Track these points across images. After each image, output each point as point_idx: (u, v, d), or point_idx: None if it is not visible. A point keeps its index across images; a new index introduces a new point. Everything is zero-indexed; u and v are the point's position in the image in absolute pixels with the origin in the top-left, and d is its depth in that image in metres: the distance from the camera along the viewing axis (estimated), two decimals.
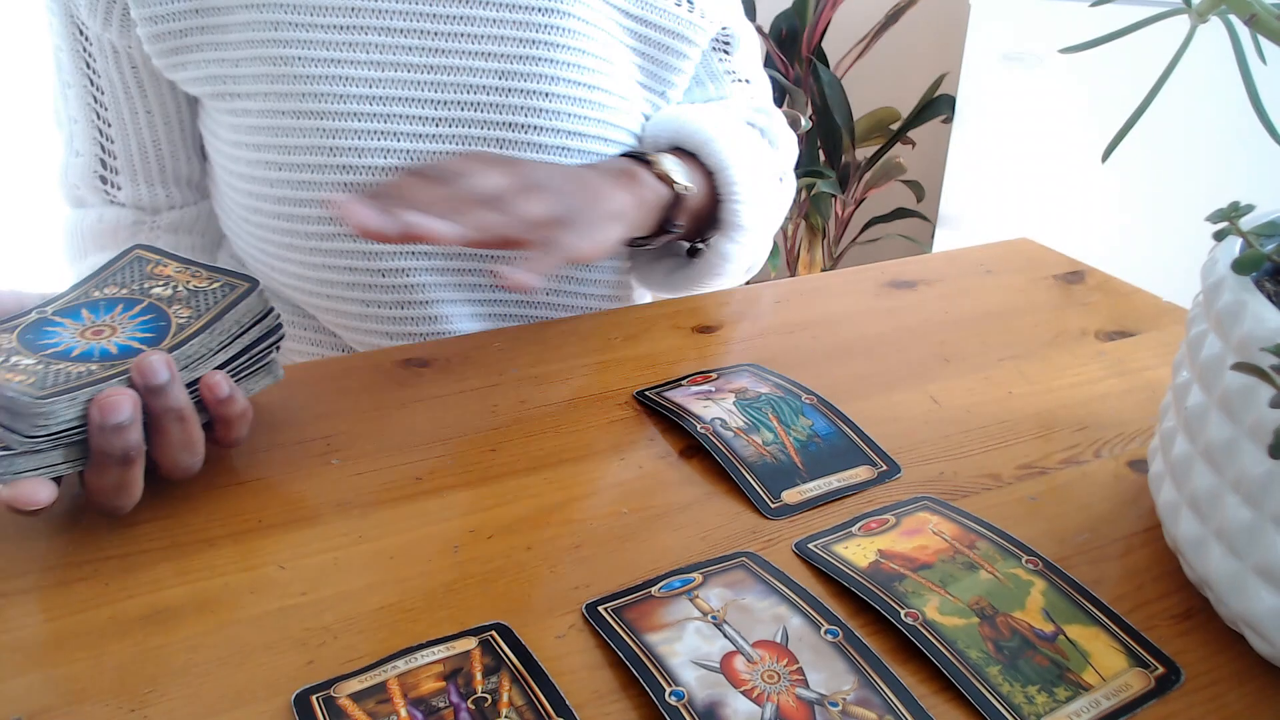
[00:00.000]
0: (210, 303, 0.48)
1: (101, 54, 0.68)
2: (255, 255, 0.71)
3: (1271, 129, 0.34)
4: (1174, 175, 1.54)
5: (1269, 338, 0.31)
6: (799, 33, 2.08)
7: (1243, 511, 0.33)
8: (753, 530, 0.43)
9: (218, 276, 0.50)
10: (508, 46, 0.65)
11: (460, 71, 0.64)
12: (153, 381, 0.42)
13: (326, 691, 0.34)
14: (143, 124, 0.71)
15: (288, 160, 0.64)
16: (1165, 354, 0.59)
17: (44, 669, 0.36)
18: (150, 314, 0.47)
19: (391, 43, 0.63)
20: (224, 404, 0.45)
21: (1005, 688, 0.34)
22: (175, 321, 0.47)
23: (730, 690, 0.33)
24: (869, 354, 0.59)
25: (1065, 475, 0.47)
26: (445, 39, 0.64)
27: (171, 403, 0.43)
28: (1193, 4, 0.33)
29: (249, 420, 0.47)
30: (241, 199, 0.68)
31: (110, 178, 0.74)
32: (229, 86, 0.65)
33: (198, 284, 0.49)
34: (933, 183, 2.14)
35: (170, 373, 0.42)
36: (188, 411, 0.43)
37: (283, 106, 0.63)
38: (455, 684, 0.34)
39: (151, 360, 0.42)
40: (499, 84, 0.65)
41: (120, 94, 0.70)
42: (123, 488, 0.42)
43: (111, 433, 0.40)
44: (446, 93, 0.64)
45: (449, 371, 0.58)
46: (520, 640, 0.36)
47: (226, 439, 0.47)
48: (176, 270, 0.51)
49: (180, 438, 0.43)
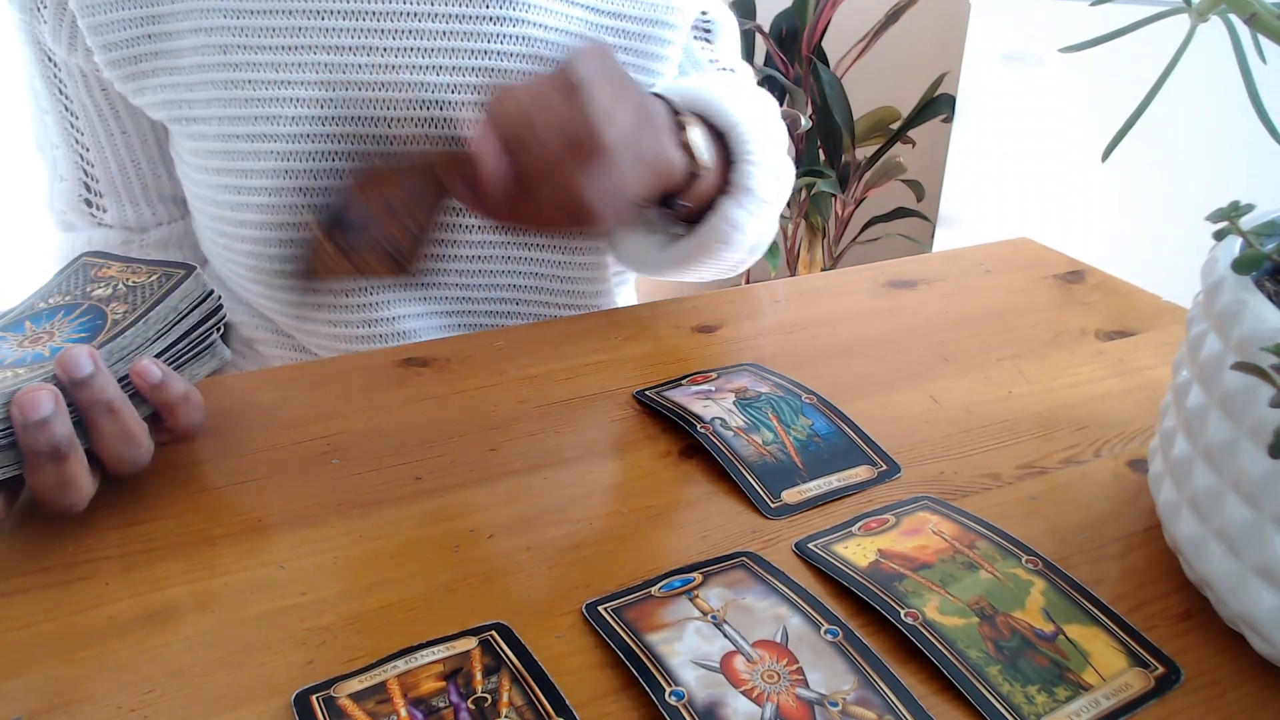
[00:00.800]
0: (147, 295, 0.48)
1: (71, 79, 0.68)
2: (231, 275, 0.70)
3: (1271, 129, 0.34)
4: (1174, 175, 1.54)
5: (1269, 337, 0.31)
6: (799, 32, 2.08)
7: (1243, 511, 0.33)
8: (753, 530, 0.43)
9: (156, 269, 0.50)
10: (459, 59, 0.63)
11: (411, 87, 0.63)
12: (75, 375, 0.41)
13: (326, 691, 0.34)
14: (120, 145, 0.71)
15: (245, 184, 0.63)
16: (1165, 354, 0.59)
17: (44, 669, 0.36)
18: (88, 315, 0.47)
19: (340, 61, 0.62)
20: (159, 390, 0.44)
21: (1005, 688, 0.34)
22: (111, 318, 0.46)
23: (730, 690, 0.33)
24: (869, 354, 0.59)
25: (1065, 475, 0.47)
26: (394, 54, 0.62)
27: (99, 395, 0.42)
28: (1193, 4, 0.33)
29: (197, 404, 0.47)
30: (208, 222, 0.67)
31: (95, 200, 0.74)
32: (185, 111, 0.64)
33: (136, 279, 0.49)
34: (933, 182, 2.14)
35: (94, 364, 0.42)
36: (118, 403, 0.43)
37: (236, 130, 0.63)
38: (455, 684, 0.34)
39: (73, 353, 0.42)
40: (451, 97, 0.63)
41: (94, 117, 0.70)
42: (63, 485, 0.41)
43: (35, 429, 0.40)
44: (399, 109, 0.63)
45: (449, 371, 0.58)
46: (520, 640, 0.36)
47: (176, 428, 0.46)
48: (119, 270, 0.51)
49: (114, 430, 0.43)
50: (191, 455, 0.49)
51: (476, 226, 0.66)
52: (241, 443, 0.50)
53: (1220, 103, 1.41)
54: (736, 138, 0.63)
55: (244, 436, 0.51)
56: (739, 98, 0.64)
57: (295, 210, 0.63)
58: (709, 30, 0.74)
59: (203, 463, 0.49)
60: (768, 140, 0.65)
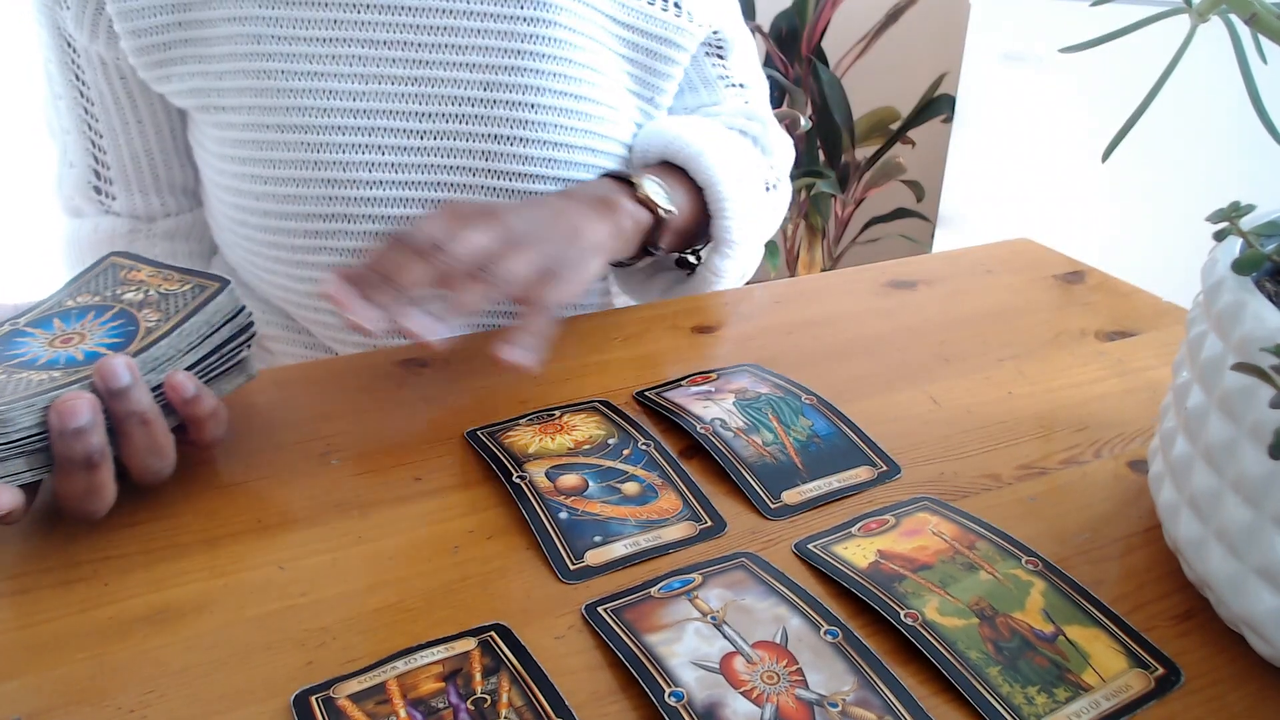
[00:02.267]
0: (180, 305, 0.47)
1: (90, 66, 0.68)
2: (245, 266, 0.70)
3: (1271, 129, 0.34)
4: (1174, 175, 1.54)
5: (1269, 338, 0.31)
6: (799, 32, 2.08)
7: (1243, 512, 0.33)
8: (753, 530, 0.43)
9: (189, 278, 0.49)
10: (492, 57, 0.64)
11: (444, 83, 0.63)
12: (114, 385, 0.41)
13: (326, 692, 0.34)
14: (134, 134, 0.71)
15: (272, 174, 0.64)
16: (1165, 354, 0.59)
17: (44, 669, 0.36)
18: (120, 319, 0.47)
19: (374, 54, 0.63)
20: (191, 404, 0.44)
21: (1005, 688, 0.34)
22: (144, 325, 0.46)
23: (730, 691, 0.33)
24: (869, 354, 0.59)
25: (1065, 475, 0.47)
26: (428, 50, 0.63)
27: (134, 406, 0.42)
28: (1193, 4, 0.33)
29: (222, 420, 0.47)
30: (229, 211, 0.67)
31: (104, 188, 0.74)
32: (213, 99, 0.64)
33: (169, 287, 0.49)
34: (933, 183, 2.14)
35: (132, 375, 0.42)
36: (152, 415, 0.43)
37: (266, 120, 0.63)
38: (455, 685, 0.34)
39: (112, 363, 0.42)
40: (483, 95, 0.64)
41: (110, 105, 0.70)
42: (91, 493, 0.42)
43: (71, 437, 0.40)
44: (430, 104, 0.64)
45: (449, 371, 0.58)
46: (520, 640, 0.36)
47: (200, 440, 0.46)
48: (149, 275, 0.51)
49: (145, 442, 0.43)
50: (191, 456, 0.49)
51: None
52: (241, 443, 0.50)
53: (1220, 103, 1.41)
54: (714, 196, 0.67)
55: (244, 436, 0.51)
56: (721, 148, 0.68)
57: (322, 201, 0.64)
58: (720, 47, 0.76)
59: (203, 463, 0.49)
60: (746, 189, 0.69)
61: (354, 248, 0.65)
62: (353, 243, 0.65)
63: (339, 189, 0.64)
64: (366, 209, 0.64)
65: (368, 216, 0.65)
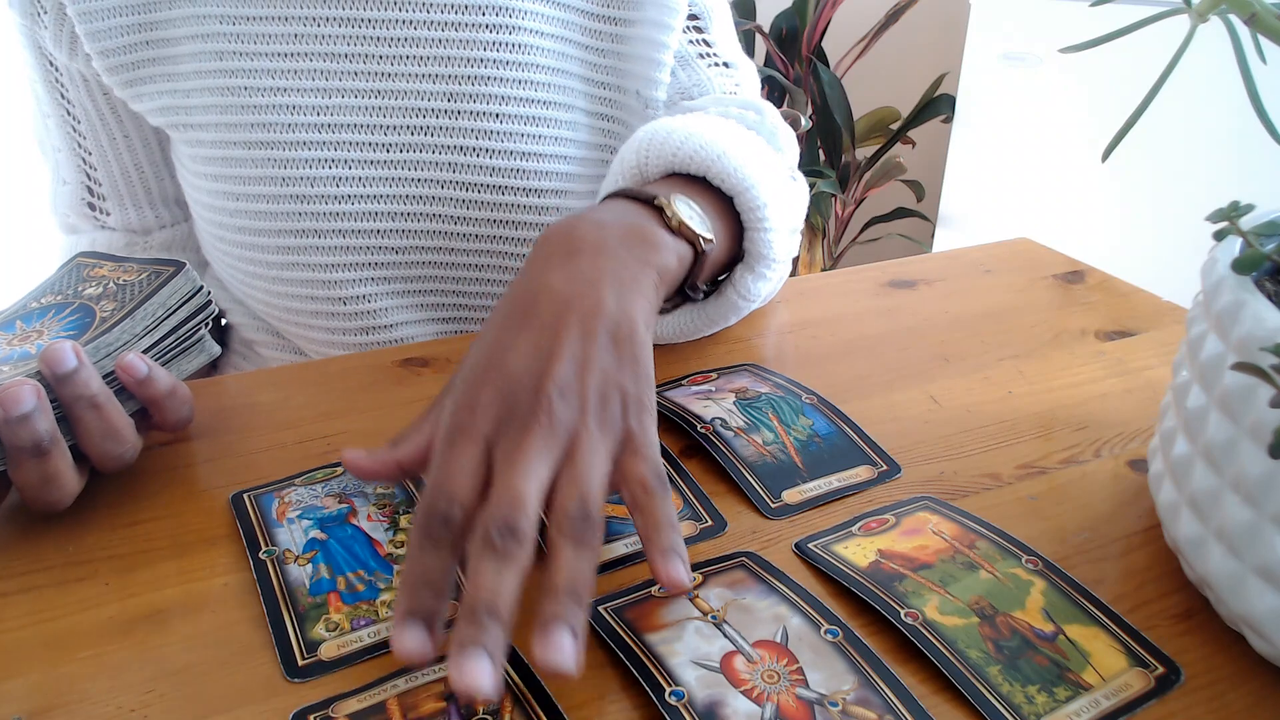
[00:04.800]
0: (135, 292, 0.48)
1: (73, 83, 0.68)
2: (229, 280, 0.71)
3: (1271, 129, 0.34)
4: (1174, 175, 1.54)
5: (1269, 338, 0.31)
6: (799, 32, 2.08)
7: (1243, 511, 0.33)
8: (753, 530, 0.43)
9: (147, 267, 0.50)
10: (454, 67, 0.63)
11: (407, 94, 0.63)
12: (59, 370, 0.41)
13: (325, 711, 0.33)
14: (122, 149, 0.71)
15: (243, 190, 0.64)
16: (1165, 354, 0.59)
17: (44, 669, 0.36)
18: (77, 314, 0.48)
19: (336, 68, 0.62)
20: (145, 385, 0.44)
21: (1005, 688, 0.34)
22: (99, 315, 0.47)
23: (730, 690, 0.33)
24: (869, 354, 0.59)
25: (1065, 475, 0.47)
26: (390, 61, 0.62)
27: (82, 390, 0.42)
28: (1193, 4, 0.33)
29: (185, 400, 0.47)
30: (208, 227, 0.68)
31: (98, 204, 0.74)
32: (183, 117, 0.64)
33: (127, 277, 0.50)
34: (933, 182, 2.14)
35: (78, 359, 0.42)
36: (103, 398, 0.43)
37: (234, 137, 0.63)
38: (456, 705, 0.33)
39: (57, 348, 0.42)
40: (447, 105, 0.63)
41: (96, 121, 0.70)
42: (47, 482, 0.41)
43: (17, 424, 0.40)
44: (394, 116, 0.63)
45: (449, 371, 0.58)
46: (518, 653, 0.36)
47: (164, 423, 0.46)
48: (110, 269, 0.51)
49: (99, 426, 0.43)
50: (192, 455, 0.49)
51: (469, 235, 0.66)
52: (241, 443, 0.50)
53: (1220, 103, 1.41)
54: (748, 204, 0.53)
55: (244, 436, 0.51)
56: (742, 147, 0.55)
57: (292, 218, 0.64)
58: (697, 18, 0.69)
59: (203, 463, 0.49)
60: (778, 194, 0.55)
61: (327, 263, 0.65)
62: (325, 258, 0.65)
63: (307, 204, 0.63)
64: (336, 223, 0.64)
65: (338, 231, 0.64)
